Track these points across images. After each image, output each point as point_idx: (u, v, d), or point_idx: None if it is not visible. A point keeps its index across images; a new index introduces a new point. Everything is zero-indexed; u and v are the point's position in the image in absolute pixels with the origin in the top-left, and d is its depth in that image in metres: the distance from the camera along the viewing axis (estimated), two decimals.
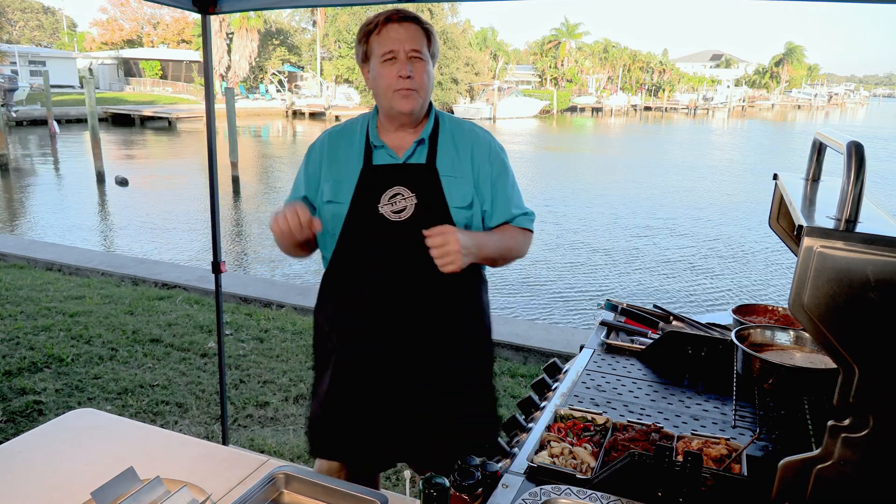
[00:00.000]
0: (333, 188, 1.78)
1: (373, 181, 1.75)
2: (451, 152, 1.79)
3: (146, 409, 3.88)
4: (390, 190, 1.73)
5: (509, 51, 67.31)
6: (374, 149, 1.78)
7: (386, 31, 1.70)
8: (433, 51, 1.76)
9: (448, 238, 1.57)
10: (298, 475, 1.59)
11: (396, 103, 1.71)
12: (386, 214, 1.72)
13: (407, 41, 1.68)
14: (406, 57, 1.68)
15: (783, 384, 1.56)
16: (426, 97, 1.75)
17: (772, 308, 2.17)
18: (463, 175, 1.77)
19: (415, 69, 1.70)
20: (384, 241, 1.73)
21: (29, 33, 61.44)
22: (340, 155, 1.81)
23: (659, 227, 13.41)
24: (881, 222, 1.25)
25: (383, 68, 1.70)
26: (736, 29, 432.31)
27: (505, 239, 1.81)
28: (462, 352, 1.83)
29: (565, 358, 2.34)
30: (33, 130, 29.25)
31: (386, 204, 1.72)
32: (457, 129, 1.84)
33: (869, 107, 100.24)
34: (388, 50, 1.69)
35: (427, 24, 1.74)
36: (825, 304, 1.18)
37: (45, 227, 12.53)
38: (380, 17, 1.71)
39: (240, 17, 43.11)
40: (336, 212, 1.77)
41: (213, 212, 3.08)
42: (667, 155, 29.06)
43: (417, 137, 1.78)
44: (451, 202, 1.74)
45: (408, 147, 1.77)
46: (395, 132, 1.80)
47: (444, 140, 1.80)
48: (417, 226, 1.68)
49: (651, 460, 1.39)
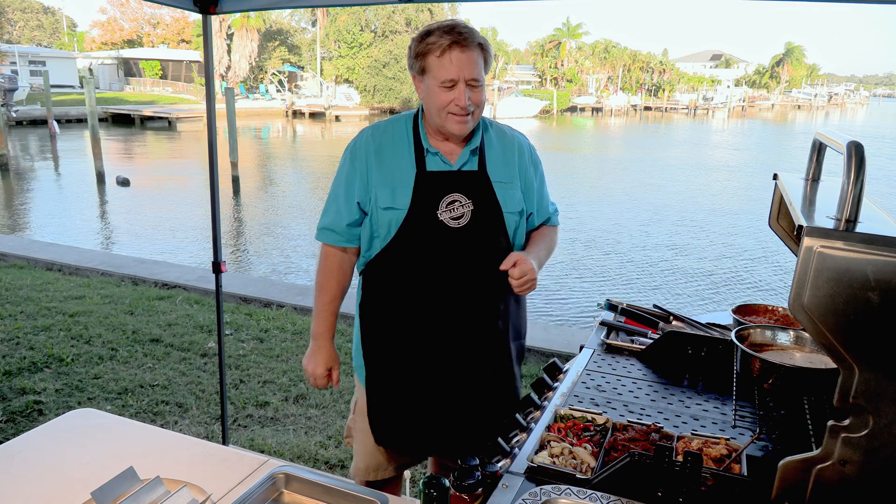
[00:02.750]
0: (390, 194, 1.77)
1: (430, 187, 1.76)
2: (500, 159, 1.84)
3: (146, 409, 3.88)
4: (448, 196, 1.76)
5: (509, 51, 67.35)
6: (427, 154, 1.79)
7: (448, 58, 1.67)
8: (488, 66, 1.76)
9: (525, 268, 1.69)
10: (298, 475, 1.60)
11: (449, 126, 1.73)
12: (445, 221, 1.75)
13: (467, 69, 1.68)
14: (465, 86, 1.69)
15: (783, 384, 1.56)
16: (479, 116, 1.78)
17: (772, 308, 2.18)
18: (511, 181, 1.83)
19: (472, 95, 1.71)
20: (442, 247, 1.76)
21: (29, 33, 61.43)
22: (388, 157, 1.80)
23: (659, 227, 13.41)
24: (881, 222, 1.25)
25: (441, 92, 1.70)
26: (736, 29, 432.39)
27: (548, 246, 1.94)
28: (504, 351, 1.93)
29: (565, 358, 2.33)
30: (33, 130, 29.25)
31: (444, 210, 1.75)
32: (500, 135, 1.89)
33: (869, 107, 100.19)
34: (448, 78, 1.68)
35: (486, 44, 1.73)
36: (825, 304, 1.18)
37: (45, 227, 12.53)
38: (443, 42, 1.67)
39: (240, 17, 43.12)
40: (393, 217, 1.77)
41: (214, 212, 3.08)
42: (667, 155, 29.07)
43: (469, 145, 1.80)
44: (504, 208, 1.79)
45: (459, 154, 1.80)
46: (445, 139, 1.81)
47: (491, 147, 1.84)
48: (475, 232, 1.77)
49: (651, 460, 1.39)
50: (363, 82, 46.41)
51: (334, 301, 1.95)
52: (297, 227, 12.76)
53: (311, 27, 52.80)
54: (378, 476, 2.02)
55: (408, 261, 1.78)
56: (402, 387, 1.89)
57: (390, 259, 1.81)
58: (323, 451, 3.46)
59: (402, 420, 1.91)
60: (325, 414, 3.91)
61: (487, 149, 1.83)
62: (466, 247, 1.75)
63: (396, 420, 1.92)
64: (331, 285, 1.93)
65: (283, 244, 11.56)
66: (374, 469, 2.01)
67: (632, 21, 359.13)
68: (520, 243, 1.88)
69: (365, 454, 2.02)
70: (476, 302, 1.81)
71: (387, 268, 1.82)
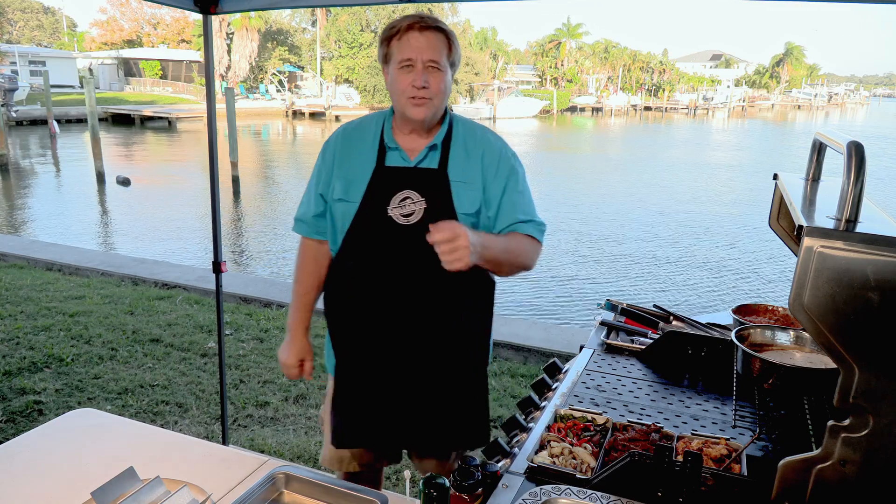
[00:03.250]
0: (345, 186, 1.80)
1: (384, 183, 1.77)
2: (463, 158, 1.80)
3: (146, 409, 3.88)
4: (401, 193, 1.75)
5: (509, 51, 67.30)
6: (387, 150, 1.80)
7: (406, 39, 1.70)
8: (453, 59, 1.76)
9: (457, 232, 1.53)
10: (298, 475, 1.60)
11: (409, 110, 1.73)
12: (395, 217, 1.74)
13: (426, 51, 1.69)
14: (423, 67, 1.70)
15: (783, 384, 1.56)
16: (440, 105, 1.76)
17: (772, 308, 2.18)
18: (472, 181, 1.79)
19: (431, 79, 1.70)
20: (391, 244, 1.75)
21: (29, 33, 61.44)
22: (354, 153, 1.83)
23: (659, 227, 13.41)
24: (881, 222, 1.25)
25: (400, 74, 1.72)
26: (736, 29, 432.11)
27: (511, 243, 1.79)
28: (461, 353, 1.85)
29: (565, 358, 2.34)
30: (33, 130, 29.25)
31: (395, 207, 1.74)
32: (469, 135, 1.85)
33: (869, 107, 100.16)
34: (406, 58, 1.70)
35: (449, 32, 1.75)
36: (825, 304, 1.18)
37: (45, 227, 12.53)
38: (402, 23, 1.72)
39: (240, 17, 43.12)
40: (346, 210, 1.79)
41: (214, 212, 3.08)
42: (667, 155, 29.06)
43: (430, 142, 1.79)
44: (459, 208, 1.76)
45: (420, 150, 1.79)
46: (409, 135, 1.81)
47: (457, 145, 1.82)
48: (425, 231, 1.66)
49: (651, 460, 1.39)
50: (363, 82, 46.42)
51: (309, 293, 1.96)
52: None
53: (311, 27, 52.79)
54: (343, 468, 2.02)
55: (360, 256, 1.79)
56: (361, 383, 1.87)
57: (346, 254, 1.82)
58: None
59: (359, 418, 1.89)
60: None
61: (453, 147, 1.81)
62: (416, 245, 1.68)
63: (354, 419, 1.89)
64: (304, 277, 1.96)
65: (284, 244, 11.55)
66: (338, 461, 2.01)
67: (632, 21, 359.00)
68: None
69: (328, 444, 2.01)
70: (425, 300, 1.77)
71: (344, 263, 1.83)
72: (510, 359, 4.99)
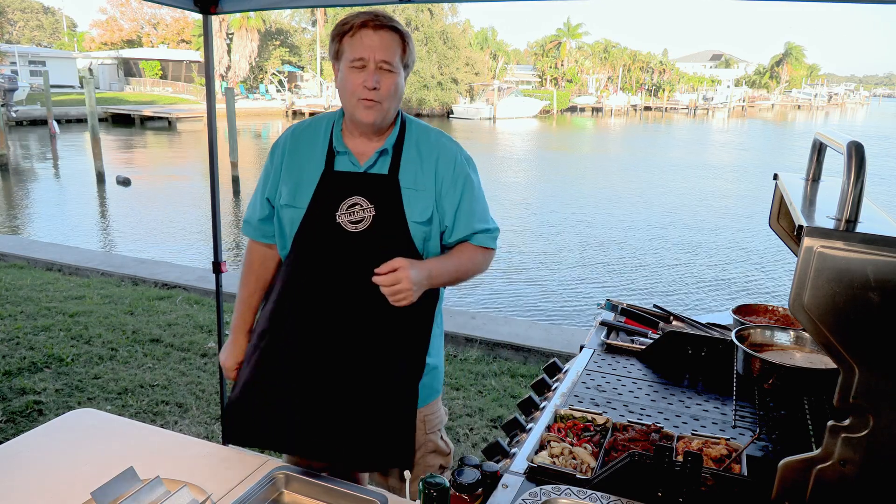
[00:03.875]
0: (292, 191, 1.74)
1: (332, 188, 1.71)
2: (416, 164, 1.74)
3: (146, 409, 3.88)
4: (349, 199, 1.69)
5: (509, 51, 67.31)
6: (336, 154, 1.74)
7: (359, 36, 1.64)
8: (407, 61, 1.71)
9: (399, 276, 1.56)
10: (298, 475, 1.60)
11: (358, 112, 1.68)
12: (343, 224, 1.68)
13: (379, 50, 1.63)
14: (375, 67, 1.64)
15: (783, 384, 1.56)
16: (390, 109, 1.70)
17: (772, 308, 2.18)
18: (425, 189, 1.73)
19: (382, 80, 1.65)
20: (339, 251, 1.69)
21: (29, 33, 61.44)
22: (302, 155, 1.78)
23: (659, 226, 13.41)
24: (881, 222, 1.25)
25: (350, 74, 1.66)
26: (736, 29, 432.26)
27: (461, 262, 1.77)
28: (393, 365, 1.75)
29: (565, 358, 2.34)
30: (33, 130, 29.25)
31: (344, 213, 1.69)
32: (423, 139, 1.78)
33: (869, 107, 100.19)
34: (357, 56, 1.63)
35: (405, 33, 1.69)
36: (825, 304, 1.18)
37: (45, 227, 12.53)
38: (356, 20, 1.65)
39: (240, 17, 43.13)
40: (293, 216, 1.73)
41: (214, 212, 3.09)
42: (667, 155, 29.06)
43: (381, 146, 1.73)
44: (410, 216, 1.70)
45: (370, 155, 1.73)
46: (359, 137, 1.75)
47: (409, 150, 1.75)
48: (374, 238, 1.66)
49: (651, 460, 1.39)
50: None
51: (252, 296, 1.93)
52: None
53: (311, 27, 52.81)
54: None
55: (308, 262, 1.73)
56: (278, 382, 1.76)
57: (295, 259, 1.76)
58: None
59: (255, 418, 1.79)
60: None
61: (405, 152, 1.75)
62: (364, 252, 1.66)
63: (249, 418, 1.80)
64: (249, 280, 1.93)
65: None
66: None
67: (632, 21, 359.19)
68: (432, 254, 1.77)
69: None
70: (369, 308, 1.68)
71: (293, 267, 1.77)
72: (510, 359, 4.99)
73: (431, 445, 1.95)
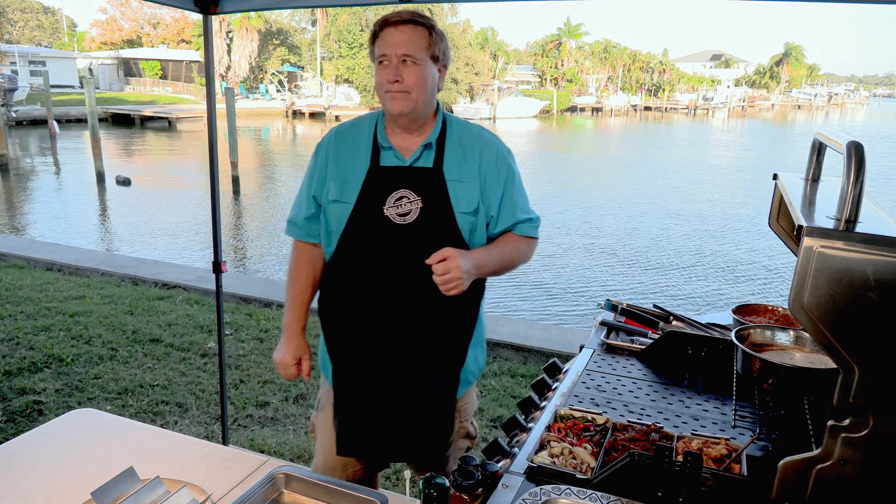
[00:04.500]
0: (339, 187, 1.79)
1: (379, 182, 1.75)
2: (459, 156, 1.79)
3: (146, 409, 3.88)
4: (396, 192, 1.74)
5: (509, 51, 67.29)
6: (381, 149, 1.79)
7: (383, 35, 1.72)
8: (434, 52, 1.74)
9: (450, 265, 1.61)
10: (298, 475, 1.60)
11: (386, 104, 1.74)
12: (391, 217, 1.73)
13: (400, 45, 1.69)
14: (397, 61, 1.69)
15: (783, 384, 1.56)
16: (421, 99, 1.73)
17: (772, 308, 2.18)
18: (469, 180, 1.77)
19: (405, 72, 1.70)
20: (388, 244, 1.74)
21: (29, 33, 61.43)
22: (347, 153, 1.82)
23: (659, 226, 13.41)
24: (881, 222, 1.25)
25: (378, 71, 1.74)
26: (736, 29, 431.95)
27: (506, 251, 1.82)
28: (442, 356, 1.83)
29: (565, 358, 2.34)
30: (33, 130, 29.25)
31: (391, 206, 1.73)
32: (465, 133, 1.83)
33: (869, 107, 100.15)
34: (381, 54, 1.71)
35: (429, 25, 1.73)
36: (825, 304, 1.18)
37: (45, 227, 12.53)
38: (378, 22, 1.73)
39: (240, 17, 43.11)
40: (341, 211, 1.78)
41: (214, 212, 3.08)
42: (667, 154, 29.05)
43: (424, 140, 1.78)
44: (456, 207, 1.75)
45: (415, 149, 1.78)
46: (402, 133, 1.80)
47: (452, 144, 1.80)
48: (422, 230, 1.71)
49: (651, 460, 1.39)
50: (363, 82, 46.40)
51: (303, 294, 1.95)
52: None
53: (311, 27, 52.78)
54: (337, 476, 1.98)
55: (356, 257, 1.77)
56: (360, 389, 1.84)
57: (342, 255, 1.80)
58: None
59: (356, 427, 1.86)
60: None
61: (448, 145, 1.80)
62: (413, 244, 1.71)
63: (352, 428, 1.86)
64: (299, 278, 1.95)
65: (284, 244, 11.56)
66: (332, 469, 1.97)
67: (632, 21, 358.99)
68: (478, 245, 1.82)
69: (323, 452, 1.99)
70: (419, 299, 1.74)
71: (339, 264, 1.82)
72: (510, 359, 4.99)
73: (463, 431, 2.01)
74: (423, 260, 1.64)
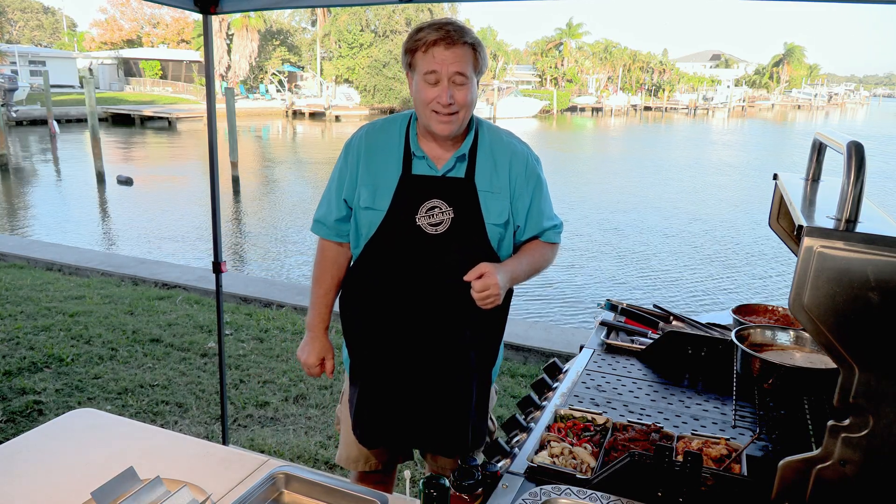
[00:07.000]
0: (371, 194, 1.78)
1: (411, 191, 1.75)
2: (490, 167, 1.79)
3: (146, 409, 3.88)
4: (428, 202, 1.74)
5: (509, 51, 67.29)
6: (413, 157, 1.78)
7: (431, 53, 1.67)
8: (480, 68, 1.73)
9: (488, 282, 1.64)
10: (298, 475, 1.60)
11: (434, 125, 1.71)
12: (423, 227, 1.73)
13: (452, 64, 1.66)
14: (448, 81, 1.67)
15: (783, 384, 1.56)
16: (465, 118, 1.74)
17: (772, 308, 2.18)
18: (500, 191, 1.78)
19: (457, 93, 1.68)
20: (418, 253, 1.74)
21: (29, 33, 61.44)
22: (378, 158, 1.81)
23: (659, 226, 13.40)
24: (881, 222, 1.25)
25: (424, 87, 1.69)
26: (736, 29, 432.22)
27: (534, 260, 1.86)
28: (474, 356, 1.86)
29: (565, 358, 2.34)
30: (33, 130, 29.25)
31: (423, 216, 1.74)
32: (496, 142, 1.83)
33: (869, 107, 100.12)
34: (430, 69, 1.67)
35: (475, 42, 1.71)
36: (825, 304, 1.18)
37: (45, 227, 12.53)
38: (428, 38, 1.67)
39: (240, 17, 43.11)
40: (373, 218, 1.78)
41: (214, 212, 3.08)
42: (667, 154, 29.05)
43: (457, 152, 1.77)
44: (487, 219, 1.76)
45: (447, 159, 1.77)
46: (434, 142, 1.79)
47: (483, 153, 1.80)
48: (453, 240, 1.73)
49: (651, 460, 1.39)
50: (363, 82, 46.42)
51: (328, 294, 1.96)
52: (297, 227, 12.77)
53: (311, 27, 52.79)
54: (360, 467, 2.04)
55: (384, 263, 1.78)
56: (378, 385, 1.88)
57: (369, 259, 1.81)
58: (323, 451, 3.46)
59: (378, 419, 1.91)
60: (325, 414, 3.90)
61: (479, 155, 1.80)
62: (443, 254, 1.73)
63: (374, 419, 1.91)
64: (325, 278, 1.95)
65: (284, 244, 11.56)
66: (355, 460, 2.02)
67: (632, 21, 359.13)
68: (506, 255, 1.84)
69: (346, 444, 2.03)
70: (449, 309, 1.77)
71: (365, 268, 1.83)
72: (510, 359, 4.99)
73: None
74: (453, 269, 1.68)
